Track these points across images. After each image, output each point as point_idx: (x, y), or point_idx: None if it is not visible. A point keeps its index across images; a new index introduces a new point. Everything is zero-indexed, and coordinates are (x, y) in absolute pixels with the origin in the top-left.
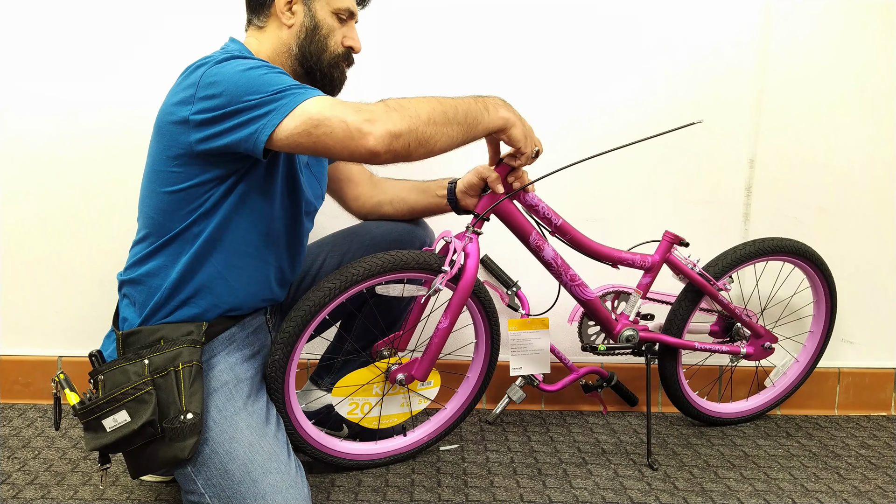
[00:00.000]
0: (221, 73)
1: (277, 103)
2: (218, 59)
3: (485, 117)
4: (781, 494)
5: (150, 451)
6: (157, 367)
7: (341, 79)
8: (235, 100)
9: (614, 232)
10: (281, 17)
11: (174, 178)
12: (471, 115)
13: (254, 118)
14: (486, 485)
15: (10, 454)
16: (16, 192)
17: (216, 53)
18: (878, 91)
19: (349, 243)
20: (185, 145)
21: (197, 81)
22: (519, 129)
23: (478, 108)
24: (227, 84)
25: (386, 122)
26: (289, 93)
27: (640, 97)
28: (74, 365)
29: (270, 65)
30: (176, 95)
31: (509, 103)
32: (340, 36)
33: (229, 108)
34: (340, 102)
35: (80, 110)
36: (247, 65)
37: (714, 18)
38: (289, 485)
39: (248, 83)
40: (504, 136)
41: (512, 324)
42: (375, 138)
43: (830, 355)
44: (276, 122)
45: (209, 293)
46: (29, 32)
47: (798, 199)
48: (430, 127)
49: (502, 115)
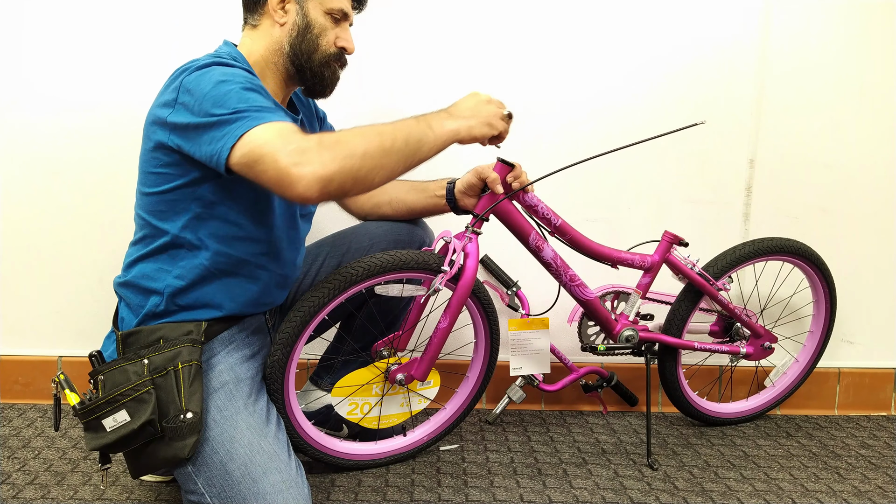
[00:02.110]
0: (198, 83)
1: (232, 126)
2: (199, 66)
3: (429, 137)
4: (781, 494)
5: (151, 450)
6: (157, 366)
7: (332, 78)
8: (204, 113)
9: (614, 232)
10: (274, 15)
11: (161, 179)
12: (412, 140)
13: (215, 137)
14: (486, 485)
15: (10, 454)
16: (16, 192)
17: (201, 58)
18: (878, 91)
19: (349, 244)
20: (168, 148)
21: (178, 87)
22: (477, 127)
23: (420, 130)
24: (199, 95)
25: (315, 166)
26: (244, 115)
27: (641, 97)
28: (74, 365)
29: (247, 77)
30: (160, 98)
31: (457, 102)
32: (333, 36)
33: (198, 120)
34: (280, 135)
35: (80, 110)
36: (223, 76)
37: (714, 18)
38: (289, 485)
39: (216, 98)
40: (468, 141)
41: (512, 324)
42: (305, 185)
43: (830, 355)
44: (231, 144)
45: (207, 302)
46: (29, 32)
47: (798, 199)
48: (367, 162)
49: (449, 127)
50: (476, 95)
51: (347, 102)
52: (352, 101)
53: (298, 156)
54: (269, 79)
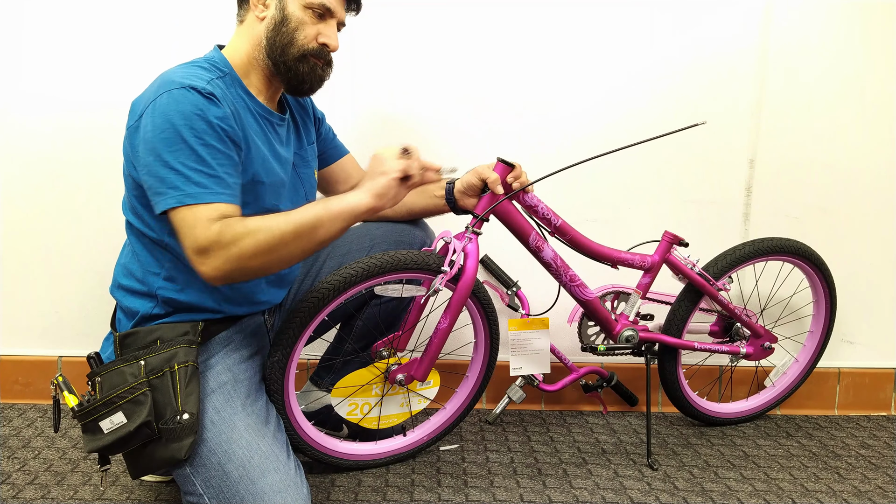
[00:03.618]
0: (149, 121)
1: (169, 193)
2: (152, 98)
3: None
4: (781, 494)
5: (148, 451)
6: (153, 367)
7: (311, 75)
8: (144, 160)
9: (614, 232)
10: (254, 10)
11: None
12: (305, 227)
13: (152, 188)
14: (486, 485)
15: (10, 454)
16: (16, 192)
17: (186, 70)
18: (878, 91)
19: (349, 245)
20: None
21: (138, 113)
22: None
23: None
24: (146, 140)
25: (212, 267)
26: (178, 188)
27: (641, 97)
28: (74, 365)
29: (213, 123)
30: (136, 105)
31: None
32: (314, 32)
33: (145, 163)
34: (191, 228)
35: (80, 110)
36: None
37: (714, 19)
38: (288, 485)
39: (172, 139)
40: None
41: (512, 324)
42: (207, 276)
43: (830, 355)
44: (163, 209)
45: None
46: (29, 33)
47: (798, 199)
48: (255, 261)
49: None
50: (374, 159)
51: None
52: (351, 101)
53: (201, 254)
54: (253, 77)
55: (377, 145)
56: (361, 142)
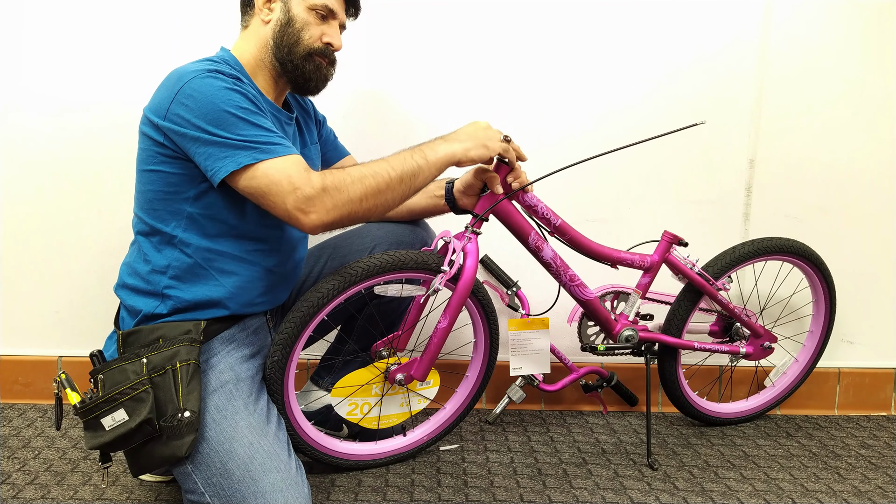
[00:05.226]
0: (200, 92)
1: (237, 151)
2: (201, 73)
3: (423, 168)
4: (781, 494)
5: (149, 449)
6: (155, 365)
7: (316, 73)
8: (204, 127)
9: (614, 232)
10: (260, 14)
11: (155, 177)
12: (406, 175)
13: (214, 155)
14: (486, 485)
15: (10, 454)
16: (16, 192)
17: (203, 64)
18: (878, 91)
19: (350, 245)
20: (160, 147)
21: (176, 90)
22: (473, 149)
23: (414, 163)
24: (201, 106)
25: (320, 214)
26: (252, 146)
27: (641, 98)
28: (74, 365)
29: (249, 96)
30: (156, 98)
31: (456, 130)
32: (318, 32)
33: (196, 132)
34: (288, 177)
35: (80, 110)
36: (226, 93)
37: (714, 19)
38: (289, 484)
39: (220, 116)
40: (466, 163)
41: (512, 324)
42: (310, 227)
43: (830, 355)
44: (231, 169)
45: (205, 301)
46: (29, 33)
47: (798, 199)
48: (364, 204)
49: (444, 152)
50: (475, 123)
51: (345, 102)
52: (351, 101)
53: (305, 203)
54: (261, 77)
55: (377, 145)
56: (361, 142)
